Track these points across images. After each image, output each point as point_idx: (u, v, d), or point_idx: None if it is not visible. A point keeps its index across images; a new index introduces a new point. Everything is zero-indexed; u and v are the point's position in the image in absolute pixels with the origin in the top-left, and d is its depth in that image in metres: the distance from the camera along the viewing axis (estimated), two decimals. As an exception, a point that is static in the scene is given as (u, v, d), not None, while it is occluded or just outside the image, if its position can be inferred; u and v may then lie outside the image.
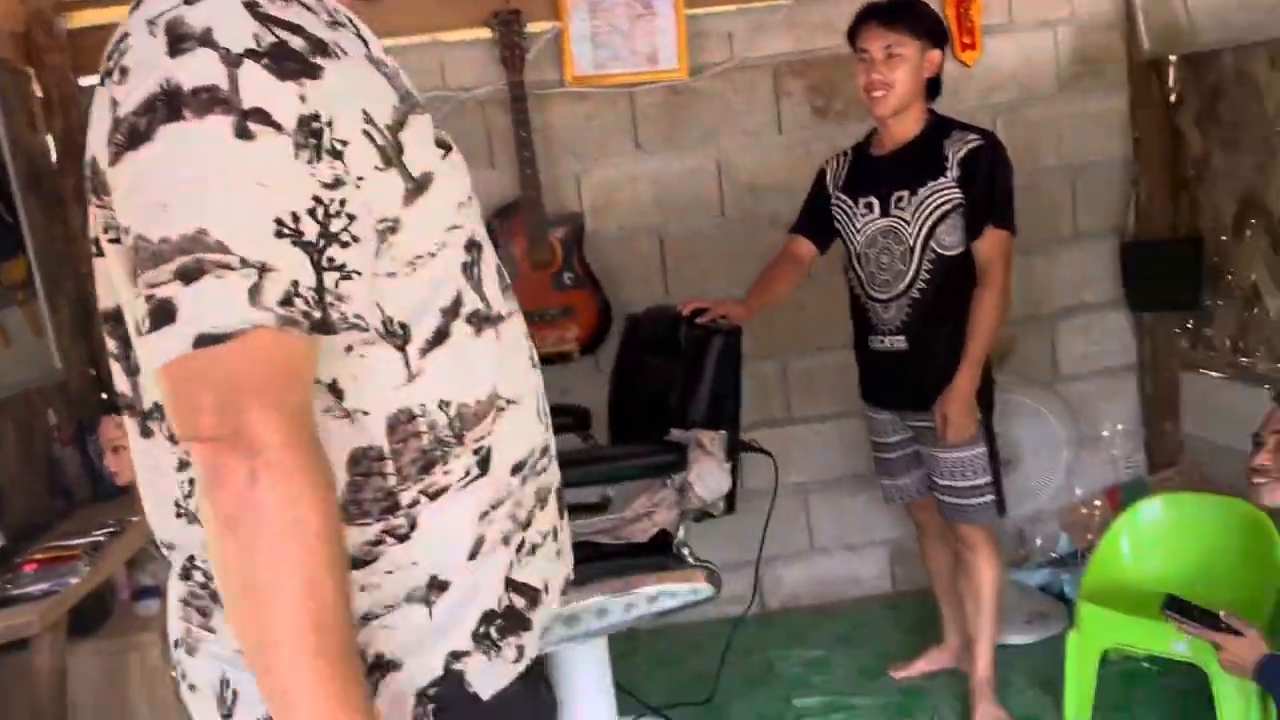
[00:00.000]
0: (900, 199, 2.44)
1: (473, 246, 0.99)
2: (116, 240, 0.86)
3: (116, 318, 0.95)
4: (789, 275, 2.68)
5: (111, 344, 0.97)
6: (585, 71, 3.08)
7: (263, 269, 0.77)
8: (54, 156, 3.02)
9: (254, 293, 0.77)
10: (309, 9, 0.86)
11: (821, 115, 3.24)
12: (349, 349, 0.87)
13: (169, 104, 0.77)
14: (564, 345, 3.16)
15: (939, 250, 2.41)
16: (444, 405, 0.93)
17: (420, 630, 0.94)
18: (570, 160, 3.18)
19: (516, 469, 1.01)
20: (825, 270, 2.78)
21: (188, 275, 0.76)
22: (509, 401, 1.00)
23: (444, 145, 0.96)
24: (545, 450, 1.07)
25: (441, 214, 0.94)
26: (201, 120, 0.77)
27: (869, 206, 2.49)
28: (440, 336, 0.93)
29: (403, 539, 0.92)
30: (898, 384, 2.54)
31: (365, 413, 0.90)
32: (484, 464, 0.96)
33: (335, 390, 0.88)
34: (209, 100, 0.77)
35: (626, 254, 3.23)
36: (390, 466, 0.90)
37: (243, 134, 0.77)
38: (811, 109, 3.23)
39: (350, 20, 0.92)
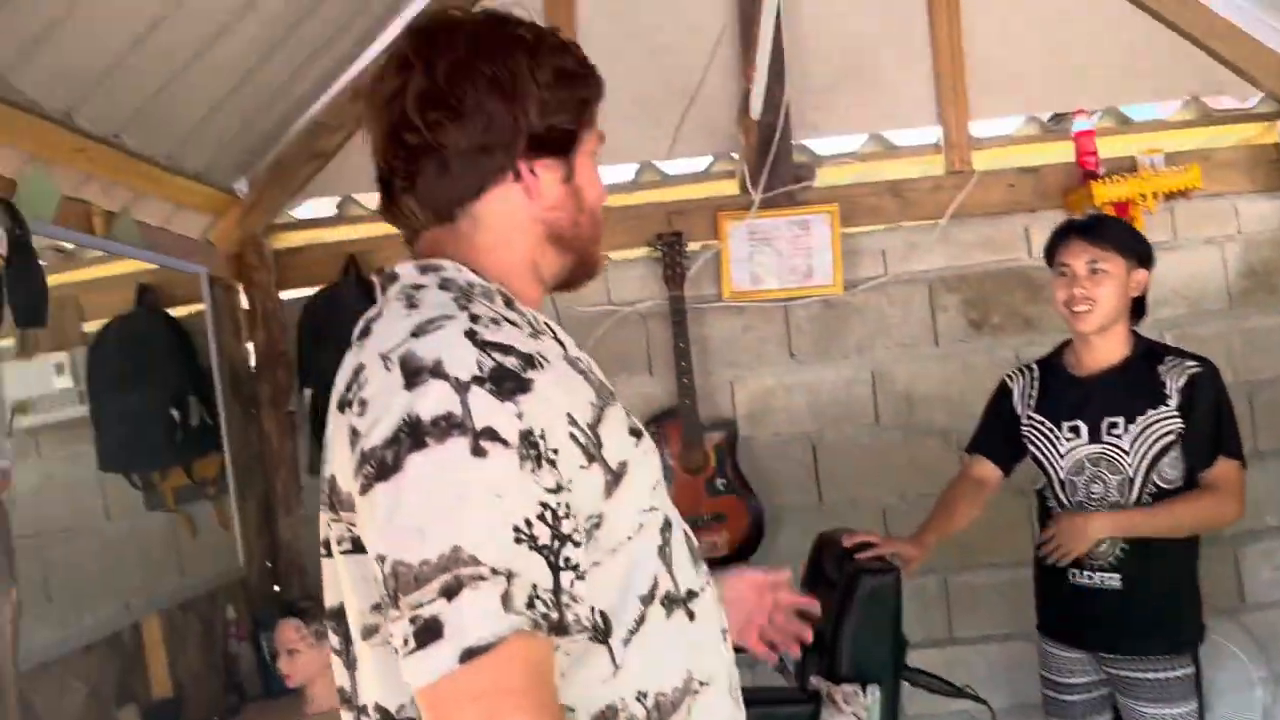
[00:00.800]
0: (1114, 425, 2.32)
1: (666, 527, 1.02)
2: (350, 552, 0.93)
3: (339, 615, 1.00)
4: (971, 501, 2.56)
5: (335, 640, 1.02)
6: (742, 287, 3.20)
7: (509, 575, 0.82)
8: (253, 364, 3.29)
9: (505, 599, 0.81)
10: (515, 325, 0.94)
11: (977, 328, 3.24)
12: (557, 646, 0.88)
13: (412, 435, 0.84)
14: (715, 551, 3.16)
15: (1160, 483, 2.29)
16: (642, 697, 0.94)
17: None
18: (725, 369, 3.26)
19: None
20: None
21: (450, 592, 0.81)
22: (702, 684, 1.00)
23: (636, 433, 1.01)
24: None
25: (637, 499, 0.98)
26: (443, 445, 0.84)
27: (1075, 431, 2.38)
28: (638, 624, 0.95)
29: None
30: (1102, 624, 2.35)
31: (571, 710, 0.91)
32: None
33: None
34: (446, 426, 0.84)
35: (780, 461, 3.25)
36: None
37: (477, 452, 0.83)
38: (967, 322, 3.25)
39: (548, 325, 1.02)
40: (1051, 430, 2.43)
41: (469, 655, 0.80)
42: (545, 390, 0.89)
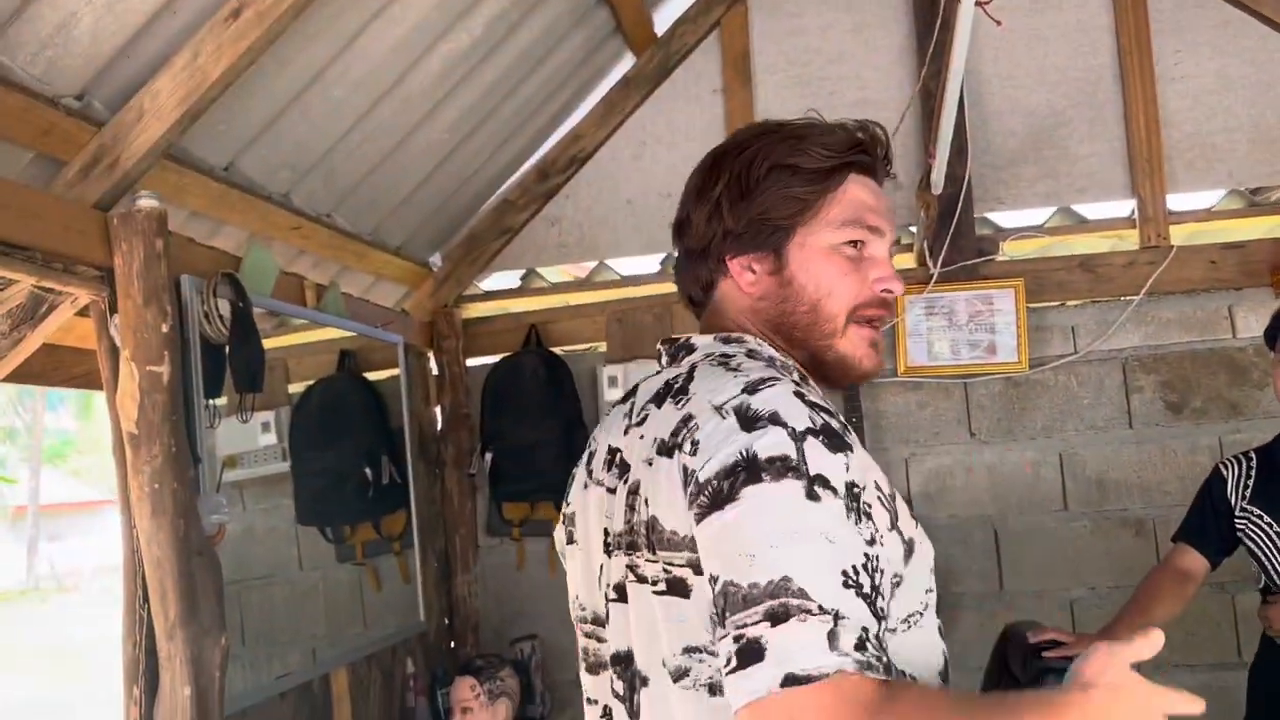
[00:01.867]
0: None
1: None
2: (664, 593, 0.96)
3: (626, 660, 1.02)
4: (1174, 595, 2.37)
5: (618, 686, 1.04)
6: (919, 363, 3.13)
7: (836, 616, 0.84)
8: (439, 426, 3.45)
9: (831, 638, 0.83)
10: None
11: (1176, 412, 3.05)
12: None
13: (749, 469, 0.89)
14: (888, 635, 3.06)
15: None
16: None
17: None
18: (900, 446, 3.19)
19: None
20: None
21: (775, 618, 0.83)
22: None
23: (915, 517, 1.06)
24: None
25: (922, 577, 1.01)
26: (779, 483, 0.88)
27: None
28: None
29: None
30: None
31: None
32: None
33: None
34: (783, 467, 0.88)
35: (958, 545, 3.13)
36: None
37: (811, 496, 0.88)
38: (1165, 404, 3.06)
39: None
40: (1271, 525, 2.26)
41: (791, 681, 0.82)
42: (860, 456, 0.95)
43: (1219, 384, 3.02)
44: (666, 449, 0.97)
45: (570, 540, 1.16)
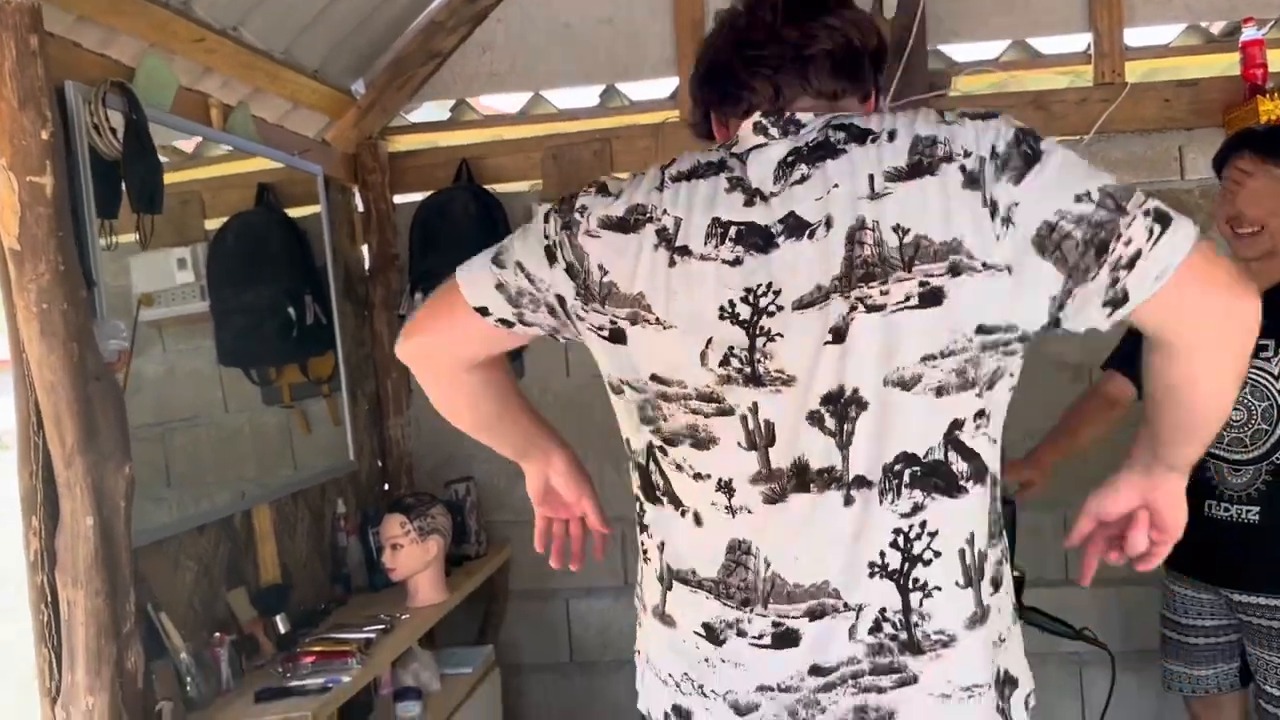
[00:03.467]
0: (1264, 349, 2.13)
1: None
2: (918, 306, 1.01)
3: (836, 399, 1.05)
4: (1098, 419, 2.39)
5: (830, 422, 1.06)
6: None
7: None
8: (366, 266, 3.31)
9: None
10: None
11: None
12: None
13: (1028, 138, 1.03)
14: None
15: None
16: None
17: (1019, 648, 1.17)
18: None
19: None
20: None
21: (1147, 195, 1.02)
22: None
23: None
24: None
25: None
26: (1049, 141, 1.04)
27: None
28: None
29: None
30: (1236, 561, 2.20)
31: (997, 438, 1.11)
32: None
33: None
34: (1033, 137, 1.03)
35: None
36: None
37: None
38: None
39: None
40: None
41: (1200, 235, 1.02)
42: None
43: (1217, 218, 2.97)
44: (918, 170, 1.02)
45: (637, 321, 1.11)
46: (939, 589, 1.06)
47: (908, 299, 1.01)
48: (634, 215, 1.11)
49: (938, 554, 1.05)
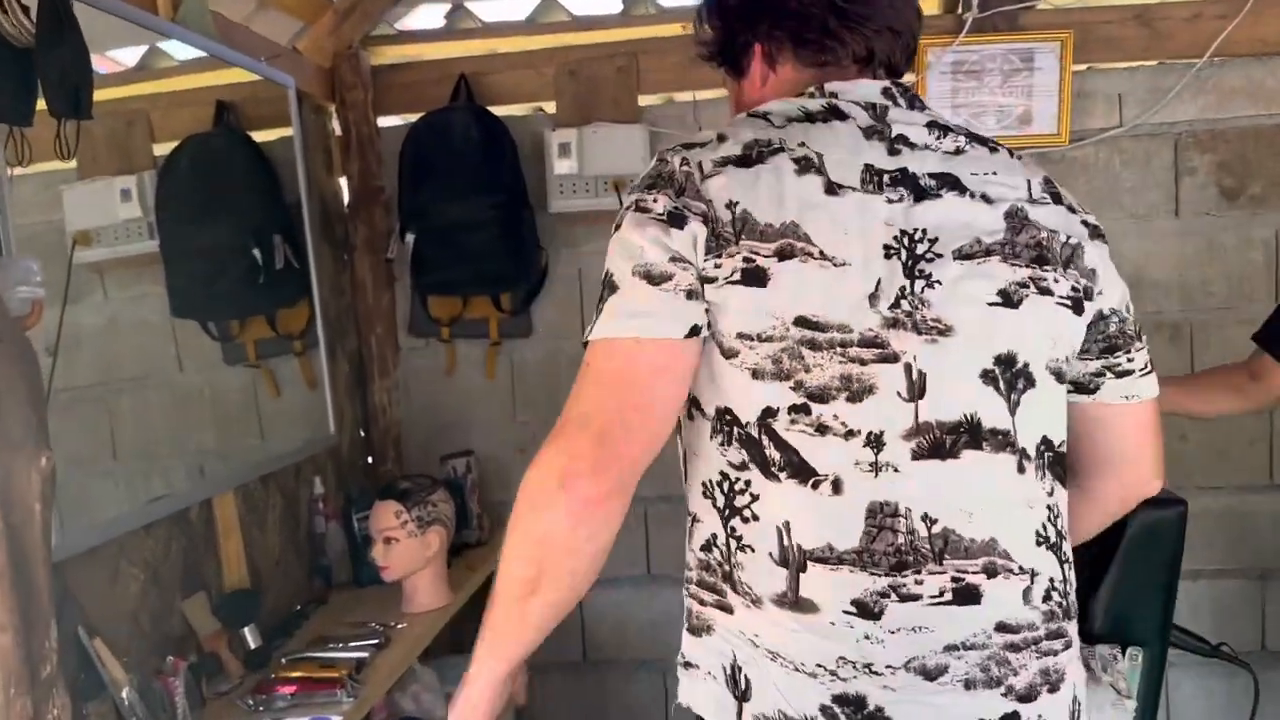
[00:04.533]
0: None
1: None
2: (1069, 308, 1.10)
3: (1009, 361, 1.07)
4: (1234, 389, 2.03)
5: (1002, 385, 1.07)
6: (939, 133, 2.59)
7: None
8: (346, 201, 2.82)
9: None
10: None
11: (1231, 199, 2.60)
12: None
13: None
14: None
15: None
16: None
17: None
18: (907, 235, 2.69)
19: None
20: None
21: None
22: None
23: None
24: None
25: None
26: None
27: None
28: None
29: None
30: None
31: None
32: None
33: None
34: None
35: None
36: None
37: None
38: (1220, 190, 2.60)
39: None
40: None
41: None
42: None
43: (1285, 167, 2.57)
44: (1060, 200, 1.15)
45: (788, 255, 1.02)
46: (1068, 561, 1.14)
47: (1068, 297, 1.09)
48: (756, 149, 1.05)
49: (1066, 533, 1.14)
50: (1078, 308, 1.10)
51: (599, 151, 2.64)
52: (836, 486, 1.02)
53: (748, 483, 1.05)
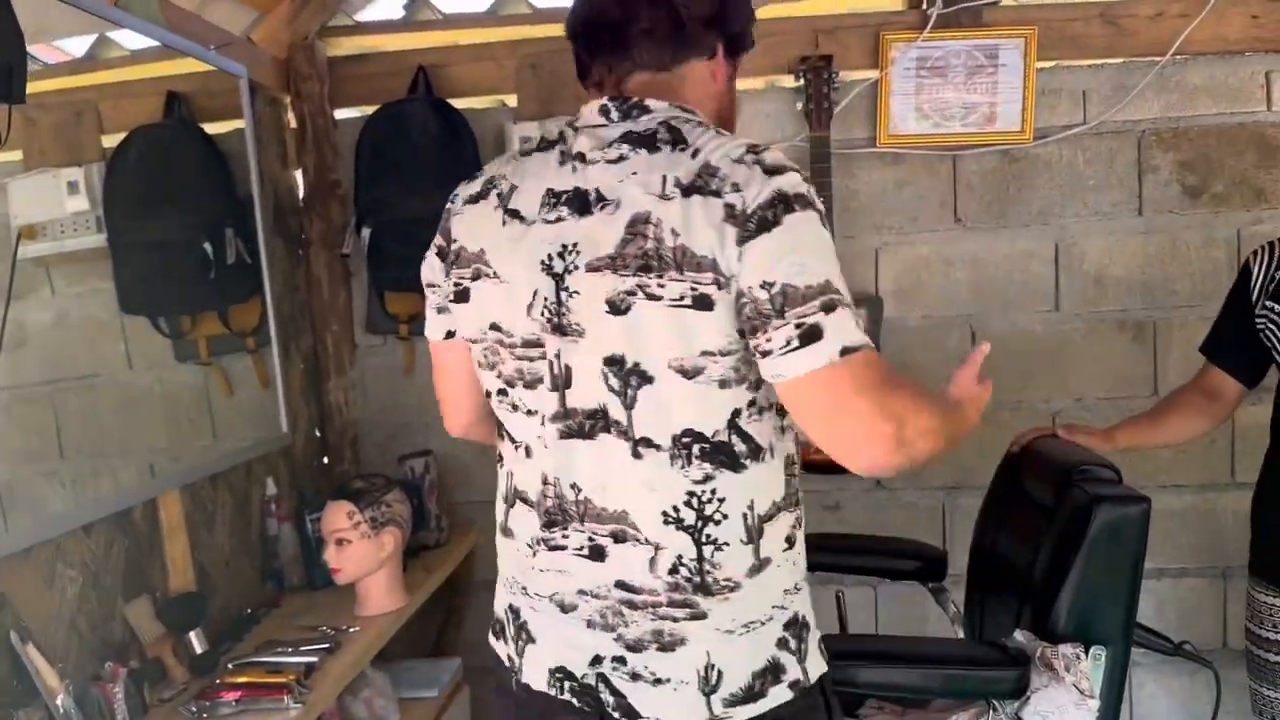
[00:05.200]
0: None
1: None
2: (691, 307, 1.13)
3: (620, 362, 1.17)
4: (1191, 413, 2.03)
5: (615, 382, 1.18)
6: (904, 130, 2.57)
7: (853, 307, 1.13)
8: (301, 194, 2.75)
9: (857, 323, 1.12)
10: None
11: (1194, 197, 2.60)
12: None
13: (784, 202, 1.11)
14: (845, 452, 2.63)
15: None
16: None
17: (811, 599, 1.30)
18: (871, 233, 2.67)
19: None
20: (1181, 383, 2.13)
21: (828, 309, 1.10)
22: None
23: None
24: None
25: None
26: (806, 212, 1.12)
27: None
28: None
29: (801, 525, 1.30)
30: None
31: (789, 427, 1.25)
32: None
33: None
34: (805, 202, 1.13)
35: (930, 349, 2.68)
36: (797, 469, 1.29)
37: (822, 223, 1.14)
38: (1182, 188, 2.60)
39: None
40: None
41: (846, 351, 1.10)
42: None
43: (1245, 165, 2.57)
44: (698, 190, 1.13)
45: (478, 277, 1.28)
46: (727, 544, 1.20)
47: (683, 298, 1.13)
48: (484, 186, 1.29)
49: (725, 516, 1.20)
50: (702, 304, 1.12)
51: (561, 146, 2.60)
52: (528, 452, 1.28)
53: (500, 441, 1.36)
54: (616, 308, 1.15)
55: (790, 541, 1.25)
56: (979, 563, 2.01)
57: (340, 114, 2.75)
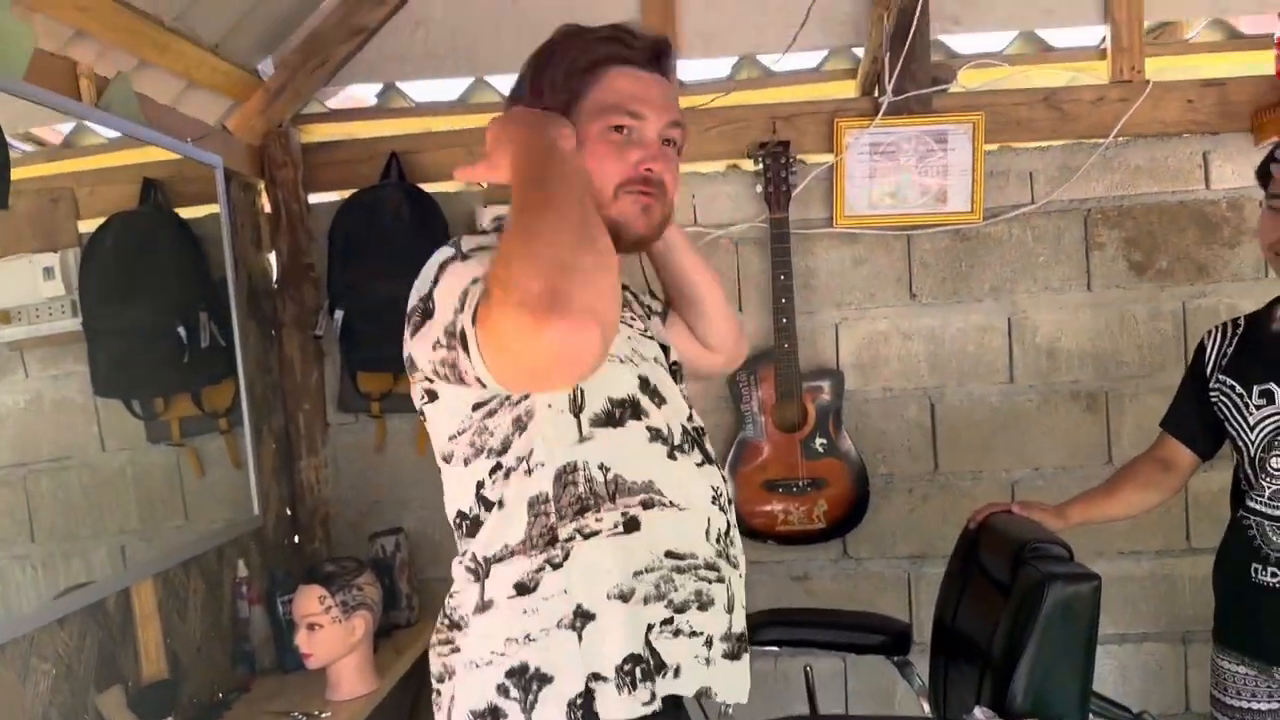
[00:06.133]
0: None
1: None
2: (426, 403, 1.27)
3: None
4: (1145, 485, 2.09)
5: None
6: (859, 211, 2.67)
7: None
8: (274, 278, 2.80)
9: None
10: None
11: (1140, 273, 2.70)
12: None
13: (433, 270, 1.22)
14: (811, 523, 2.68)
15: None
16: (603, 468, 1.22)
17: (569, 653, 1.19)
18: (832, 309, 2.75)
19: (671, 555, 1.24)
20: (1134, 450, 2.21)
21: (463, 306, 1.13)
22: (671, 503, 1.25)
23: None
24: (713, 568, 1.28)
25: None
26: (433, 264, 1.23)
27: (1267, 397, 1.89)
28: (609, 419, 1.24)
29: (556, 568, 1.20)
30: None
31: (541, 465, 1.20)
32: (631, 526, 1.22)
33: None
34: (450, 259, 1.22)
35: (891, 420, 2.75)
36: (552, 508, 1.21)
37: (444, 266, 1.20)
38: (1128, 264, 2.71)
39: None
40: (1239, 395, 1.93)
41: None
42: None
43: (1187, 242, 2.68)
44: (409, 312, 1.20)
45: None
46: (458, 591, 1.26)
47: (423, 396, 1.23)
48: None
49: (464, 552, 1.26)
50: (433, 396, 1.22)
51: (529, 227, 2.67)
52: None
53: None
54: (421, 412, 1.27)
55: (522, 589, 1.20)
56: (941, 637, 2.06)
57: (314, 198, 2.82)
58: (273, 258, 2.80)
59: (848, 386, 2.73)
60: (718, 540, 1.29)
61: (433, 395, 1.21)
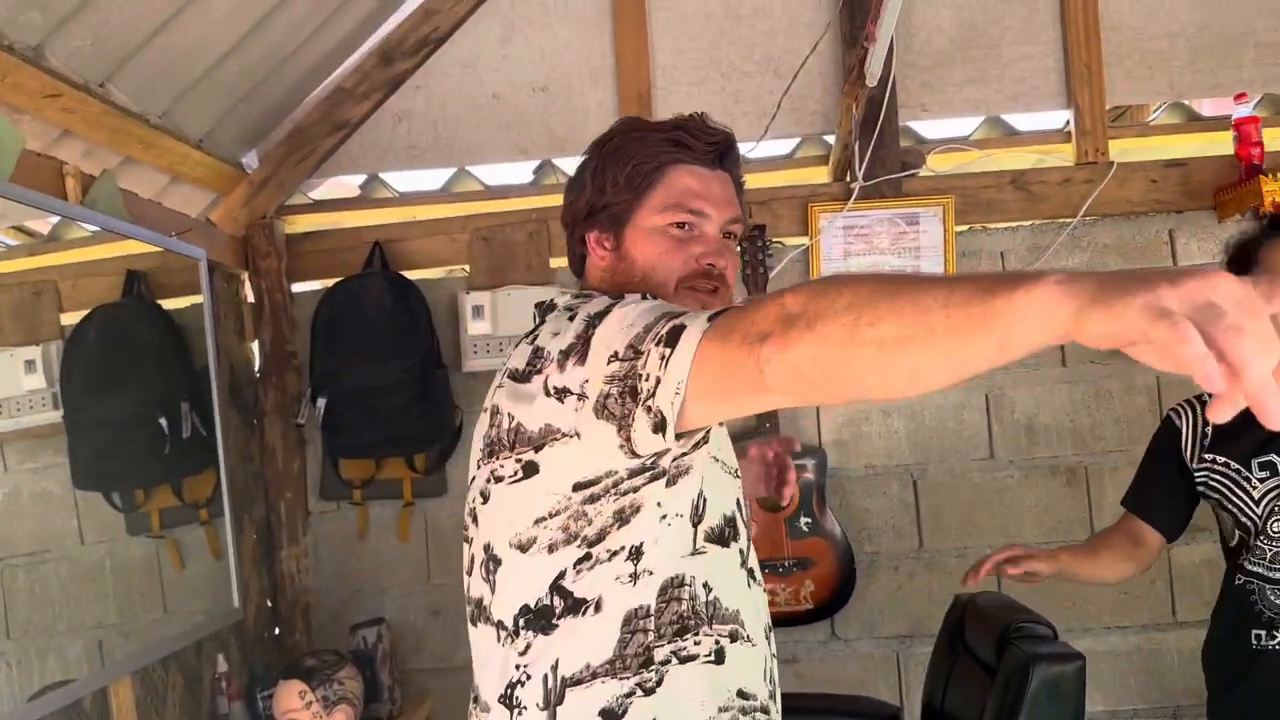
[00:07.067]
0: None
1: None
2: (518, 480, 1.13)
3: (487, 550, 1.18)
4: (1127, 558, 2.07)
5: (483, 570, 1.18)
6: (836, 291, 2.71)
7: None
8: (257, 367, 2.82)
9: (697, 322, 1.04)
10: None
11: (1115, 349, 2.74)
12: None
13: (587, 324, 1.09)
14: (798, 604, 2.67)
15: None
16: (707, 588, 1.16)
17: None
18: (812, 388, 2.77)
19: (741, 694, 1.19)
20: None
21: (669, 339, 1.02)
22: (748, 638, 1.21)
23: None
24: (765, 711, 1.23)
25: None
26: (603, 314, 1.09)
27: (1270, 469, 1.89)
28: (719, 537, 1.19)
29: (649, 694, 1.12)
30: None
31: (649, 573, 1.13)
32: (719, 657, 1.16)
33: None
34: (589, 321, 1.09)
35: (875, 498, 2.76)
36: (651, 624, 1.13)
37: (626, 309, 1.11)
38: (1101, 340, 2.75)
39: None
40: (1238, 471, 1.94)
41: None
42: None
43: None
44: (524, 376, 1.11)
45: None
46: (525, 709, 1.14)
47: (515, 474, 1.12)
48: None
49: (529, 677, 1.14)
50: (531, 470, 1.11)
51: (512, 313, 2.71)
52: None
53: None
54: (486, 497, 1.16)
55: (609, 716, 1.10)
56: (934, 716, 2.04)
57: (297, 287, 2.85)
58: (255, 346, 2.82)
59: (831, 464, 2.75)
60: (769, 680, 1.25)
61: (531, 469, 1.10)
